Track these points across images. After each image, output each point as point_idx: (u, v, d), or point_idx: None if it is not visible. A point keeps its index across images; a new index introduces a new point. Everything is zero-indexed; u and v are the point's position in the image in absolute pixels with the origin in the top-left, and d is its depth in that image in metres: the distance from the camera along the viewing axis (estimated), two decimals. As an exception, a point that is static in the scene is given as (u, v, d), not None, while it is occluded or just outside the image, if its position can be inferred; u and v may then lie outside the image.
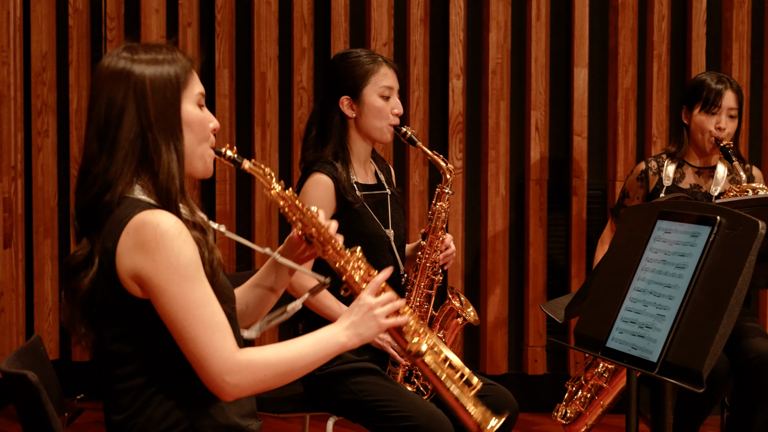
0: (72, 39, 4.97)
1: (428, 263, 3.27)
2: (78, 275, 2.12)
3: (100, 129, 2.13)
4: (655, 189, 3.91)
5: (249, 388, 2.13)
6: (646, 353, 2.34)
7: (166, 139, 2.15)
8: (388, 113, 3.27)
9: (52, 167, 5.00)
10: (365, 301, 2.25)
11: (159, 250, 2.06)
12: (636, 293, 2.45)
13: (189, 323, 2.08)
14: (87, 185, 2.13)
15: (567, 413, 3.85)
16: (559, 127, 4.99)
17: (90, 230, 2.13)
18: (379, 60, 3.30)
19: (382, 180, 3.40)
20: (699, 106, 3.85)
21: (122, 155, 2.12)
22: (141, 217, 2.09)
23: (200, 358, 2.08)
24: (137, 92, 2.13)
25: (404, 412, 3.02)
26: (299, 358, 2.18)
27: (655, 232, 2.48)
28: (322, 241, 2.34)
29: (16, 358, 2.19)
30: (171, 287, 2.07)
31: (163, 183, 2.14)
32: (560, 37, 4.97)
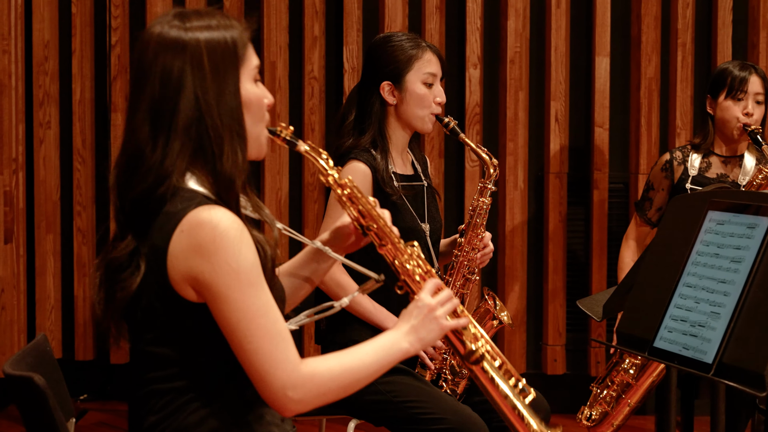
0: (75, 27, 4.85)
1: (465, 261, 3.12)
2: (120, 276, 1.94)
3: (154, 110, 1.93)
4: (680, 179, 3.79)
5: (312, 402, 1.96)
6: (699, 354, 2.18)
7: (228, 123, 1.96)
8: (431, 101, 3.13)
9: (55, 160, 4.87)
10: (424, 302, 2.07)
11: (218, 253, 1.88)
12: (686, 289, 2.28)
13: (251, 333, 1.90)
14: (139, 175, 1.92)
15: (592, 415, 3.71)
16: (579, 118, 4.86)
17: (135, 225, 1.95)
18: (424, 45, 3.15)
19: (418, 171, 3.26)
20: (724, 94, 3.76)
21: (180, 141, 1.93)
22: (197, 214, 1.90)
23: (262, 371, 1.91)
24: (194, 66, 1.94)
25: (437, 414, 2.86)
26: (363, 368, 2.01)
27: (705, 223, 2.32)
28: (381, 235, 2.17)
29: (20, 359, 2.03)
30: (232, 293, 1.89)
31: (226, 174, 1.95)
32: (581, 25, 4.84)
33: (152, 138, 1.92)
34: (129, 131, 1.97)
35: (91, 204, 4.92)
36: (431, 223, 3.19)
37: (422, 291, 2.09)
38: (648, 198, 3.89)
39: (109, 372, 4.95)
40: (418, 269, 2.13)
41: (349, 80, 4.78)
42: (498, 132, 4.83)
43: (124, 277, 1.93)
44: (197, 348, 1.96)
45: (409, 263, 2.14)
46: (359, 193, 2.18)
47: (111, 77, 4.86)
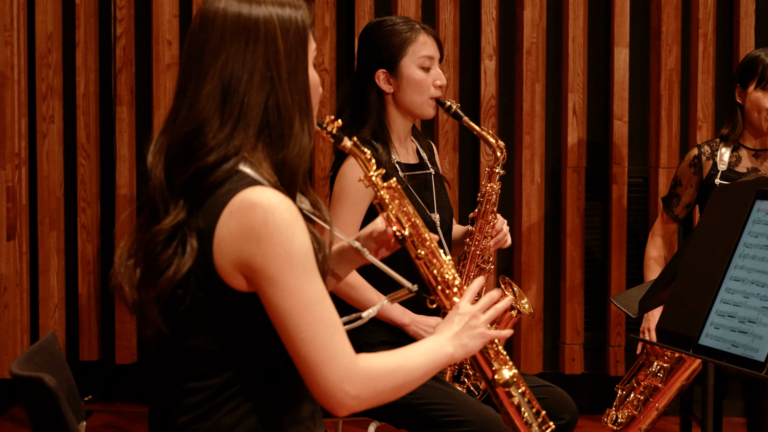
0: (79, 19, 4.74)
1: (478, 250, 3.00)
2: (162, 255, 1.83)
3: (224, 87, 1.84)
4: (709, 175, 3.66)
5: (368, 400, 1.85)
6: (750, 351, 2.06)
7: (299, 107, 1.87)
8: (429, 85, 3.00)
9: (58, 155, 4.76)
10: (465, 309, 2.00)
11: (271, 236, 1.77)
12: (734, 283, 2.16)
13: (306, 321, 1.78)
14: (199, 151, 1.82)
15: (618, 418, 3.59)
16: (597, 111, 4.74)
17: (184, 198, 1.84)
18: (417, 27, 3.02)
19: (424, 158, 3.14)
20: (754, 83, 3.61)
21: (248, 121, 1.85)
22: (248, 195, 1.80)
23: (317, 362, 1.79)
24: (268, 42, 1.86)
25: (460, 416, 2.74)
26: (414, 369, 1.92)
27: (753, 213, 2.19)
28: (417, 243, 2.07)
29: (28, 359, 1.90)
30: (285, 278, 1.78)
31: (292, 160, 1.86)
32: (599, 15, 4.72)
33: (219, 114, 1.84)
34: (191, 105, 1.86)
35: (96, 200, 4.82)
36: (441, 212, 3.07)
37: (462, 299, 2.03)
38: (675, 194, 3.76)
39: (115, 372, 4.85)
40: (454, 281, 2.08)
41: (360, 72, 4.67)
42: (514, 125, 4.72)
43: (168, 255, 1.81)
44: (240, 342, 1.85)
45: (448, 273, 2.08)
46: (403, 197, 2.09)
47: (116, 70, 4.75)
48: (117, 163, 4.77)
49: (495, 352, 2.07)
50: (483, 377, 2.09)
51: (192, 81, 1.88)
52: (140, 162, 4.80)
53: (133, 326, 4.80)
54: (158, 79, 4.71)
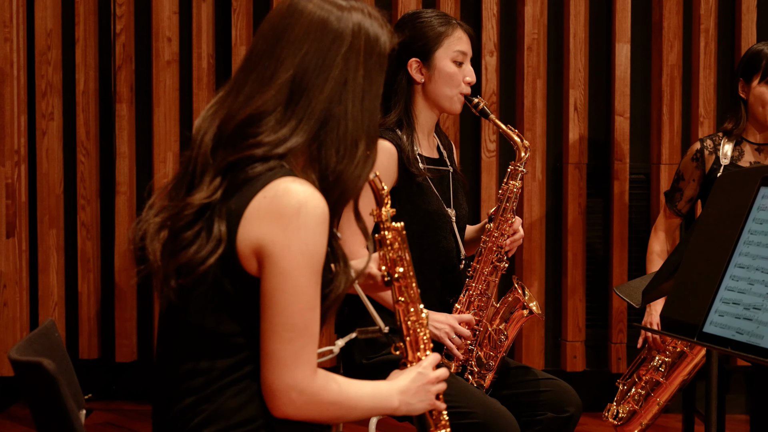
0: (78, 16, 4.73)
1: (494, 248, 2.97)
2: (187, 230, 1.82)
3: (295, 83, 1.83)
4: (711, 169, 3.64)
5: (306, 414, 1.86)
6: (755, 338, 2.04)
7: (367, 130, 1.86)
8: (460, 81, 2.98)
9: (58, 152, 4.76)
10: (426, 372, 2.03)
11: (300, 229, 1.77)
12: (738, 270, 2.15)
13: (294, 322, 1.79)
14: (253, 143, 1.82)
15: (619, 413, 3.58)
16: (599, 107, 4.73)
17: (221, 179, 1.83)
18: (454, 22, 3.02)
19: (444, 156, 3.12)
20: (758, 77, 3.59)
21: (306, 129, 1.83)
22: (286, 182, 1.79)
23: (283, 362, 1.80)
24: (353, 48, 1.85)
25: (465, 408, 2.73)
26: (357, 408, 1.93)
27: (758, 200, 2.18)
28: (404, 291, 2.07)
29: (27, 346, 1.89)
30: (297, 274, 1.78)
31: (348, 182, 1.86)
32: (601, 11, 4.71)
33: (282, 110, 1.83)
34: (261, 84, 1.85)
35: (96, 198, 4.81)
36: (457, 209, 3.05)
37: (427, 360, 2.05)
38: (678, 189, 3.75)
39: (115, 371, 4.84)
40: (424, 338, 2.07)
41: (361, 68, 4.66)
42: (515, 121, 4.70)
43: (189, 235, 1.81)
44: (248, 327, 1.84)
45: (420, 329, 2.07)
46: (404, 242, 2.08)
47: (116, 67, 4.74)
48: (117, 161, 4.75)
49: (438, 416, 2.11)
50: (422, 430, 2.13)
51: (264, 62, 1.86)
52: (140, 159, 4.78)
53: (133, 324, 4.79)
54: (158, 76, 4.70)
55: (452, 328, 2.87)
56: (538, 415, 2.90)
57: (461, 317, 2.90)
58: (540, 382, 2.98)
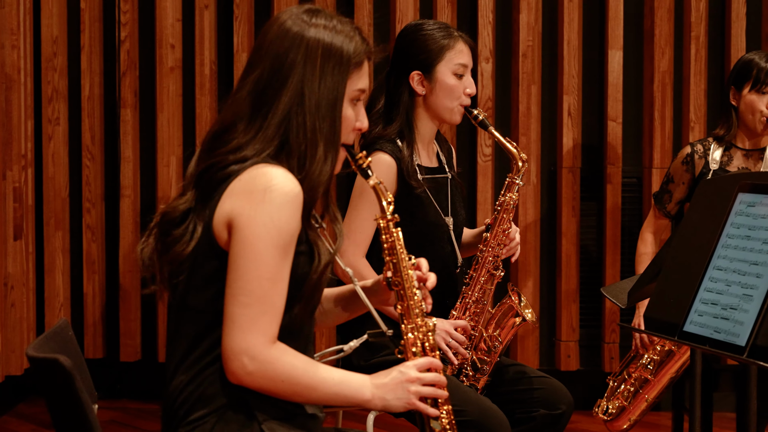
0: (84, 23, 4.82)
1: (490, 257, 3.06)
2: (174, 231, 1.97)
3: (258, 94, 1.97)
4: (701, 173, 3.74)
5: (259, 382, 1.95)
6: (732, 337, 2.15)
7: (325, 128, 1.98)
8: (461, 92, 3.06)
9: (63, 156, 4.85)
10: (407, 372, 2.07)
11: (265, 203, 1.90)
12: (717, 272, 2.25)
13: (251, 288, 1.91)
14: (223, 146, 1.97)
15: (608, 408, 3.68)
16: (592, 113, 4.82)
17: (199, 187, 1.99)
18: (456, 35, 3.09)
19: (443, 162, 3.21)
20: (749, 86, 3.68)
21: (274, 129, 1.97)
22: (261, 166, 1.94)
23: (237, 325, 1.92)
24: (308, 62, 1.98)
25: (457, 406, 2.81)
26: (320, 386, 1.99)
27: (736, 206, 2.29)
28: (403, 295, 2.15)
29: (43, 343, 2.00)
30: (258, 244, 1.90)
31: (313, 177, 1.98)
32: (594, 19, 4.80)
33: (248, 119, 1.97)
34: (231, 103, 2.00)
35: (101, 201, 4.90)
36: (454, 216, 3.14)
37: (411, 361, 2.09)
38: (667, 191, 3.84)
39: (119, 370, 4.93)
40: (417, 341, 2.13)
41: (360, 75, 4.74)
42: (510, 126, 4.80)
43: (179, 232, 1.96)
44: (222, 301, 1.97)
45: (413, 333, 2.13)
46: (402, 248, 2.16)
47: (120, 73, 4.84)
48: (121, 165, 4.84)
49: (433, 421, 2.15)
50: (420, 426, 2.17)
51: (240, 79, 2.02)
52: (144, 163, 4.88)
53: (137, 325, 4.87)
54: (162, 82, 4.79)
55: (448, 333, 2.97)
56: (531, 412, 3.00)
57: (456, 323, 2.99)
58: (533, 380, 3.07)
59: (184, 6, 4.81)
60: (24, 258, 4.71)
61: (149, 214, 4.78)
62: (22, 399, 4.93)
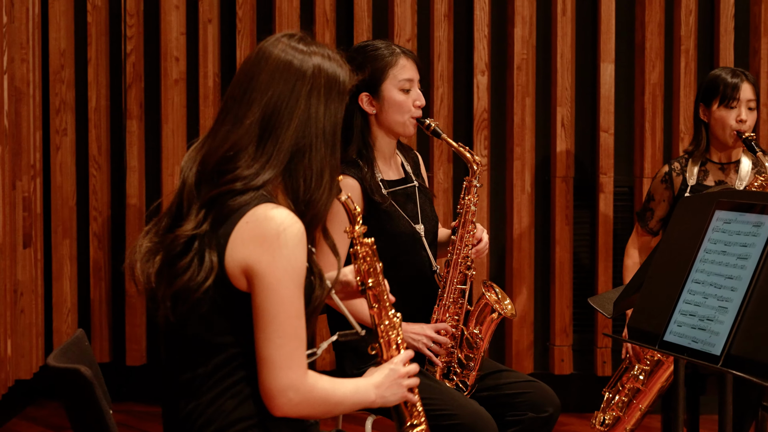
0: (91, 36, 4.93)
1: (460, 259, 3.18)
2: (179, 262, 2.06)
3: (265, 121, 2.06)
4: (680, 190, 3.85)
5: (300, 412, 2.10)
6: (708, 346, 2.28)
7: (330, 162, 2.10)
8: (410, 106, 3.16)
9: (71, 166, 4.95)
10: (396, 367, 2.27)
11: (281, 248, 2.01)
12: (695, 285, 2.39)
13: (284, 329, 2.03)
14: (231, 178, 2.05)
15: (605, 420, 3.80)
16: (585, 124, 4.94)
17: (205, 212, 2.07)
18: (397, 51, 3.16)
19: (408, 171, 3.31)
20: (717, 102, 3.78)
21: (279, 159, 2.06)
22: (265, 209, 2.03)
23: (278, 365, 2.04)
24: (313, 88, 2.07)
25: (447, 410, 2.95)
26: (344, 400, 2.17)
27: (713, 222, 2.42)
28: (377, 298, 2.31)
29: (62, 354, 2.13)
30: (282, 288, 2.02)
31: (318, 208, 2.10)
32: (586, 32, 4.92)
33: (255, 147, 2.05)
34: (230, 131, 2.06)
35: (107, 209, 5.00)
36: (425, 222, 3.23)
37: (398, 357, 2.28)
38: (649, 209, 3.94)
39: (125, 374, 5.02)
40: (398, 338, 2.30)
41: (359, 87, 4.86)
42: (505, 137, 4.91)
43: (185, 263, 2.04)
44: (242, 336, 2.08)
45: (392, 331, 2.30)
46: (374, 255, 2.30)
47: (126, 85, 4.93)
48: (127, 174, 4.94)
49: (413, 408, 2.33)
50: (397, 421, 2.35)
51: (236, 106, 2.09)
52: (149, 173, 4.98)
53: (143, 330, 4.97)
54: (166, 94, 4.90)
55: (429, 338, 3.10)
56: (519, 415, 3.11)
57: (437, 326, 3.13)
58: (521, 384, 3.19)
59: (188, 20, 4.92)
60: (33, 265, 4.79)
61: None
62: (31, 402, 5.03)
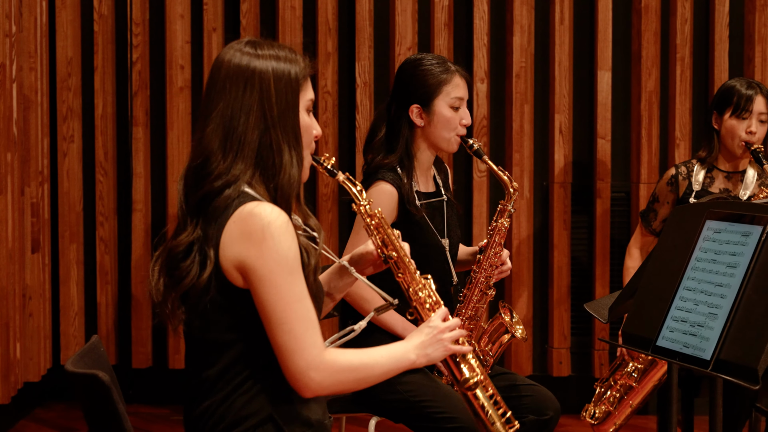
0: (97, 44, 5.00)
1: (482, 278, 3.26)
2: (182, 264, 2.16)
3: (225, 126, 2.17)
4: (685, 194, 3.93)
5: (330, 387, 2.18)
6: (698, 351, 2.37)
7: (288, 142, 2.19)
8: (457, 124, 3.25)
9: (78, 172, 5.02)
10: (435, 324, 2.33)
11: (266, 241, 2.10)
12: (686, 293, 2.47)
13: (287, 315, 2.12)
14: (207, 179, 2.16)
15: (595, 413, 3.88)
16: (582, 130, 5.02)
17: (197, 220, 2.18)
18: (452, 69, 3.27)
19: (440, 185, 3.40)
20: (729, 111, 3.86)
21: (247, 152, 2.16)
22: (248, 207, 2.13)
23: (291, 350, 2.12)
24: (263, 89, 2.18)
25: (450, 413, 3.03)
26: (376, 367, 2.24)
27: (704, 232, 2.51)
28: (400, 265, 2.41)
29: (79, 359, 2.22)
30: (274, 278, 2.11)
31: (283, 187, 2.18)
32: (584, 41, 5.00)
33: (222, 148, 2.17)
34: (199, 141, 2.20)
35: (113, 214, 5.08)
36: (450, 238, 3.32)
37: (435, 315, 2.35)
38: (653, 210, 4.03)
39: (131, 376, 5.10)
40: (429, 299, 2.39)
41: (361, 95, 4.94)
42: (504, 144, 4.99)
43: (187, 265, 2.15)
44: (250, 333, 2.17)
45: (422, 292, 2.39)
46: (385, 224, 2.42)
47: (132, 92, 5.01)
48: (133, 180, 5.02)
49: (464, 360, 2.39)
50: (453, 380, 2.41)
51: (201, 119, 2.22)
52: (155, 179, 5.06)
53: (149, 333, 5.04)
54: (172, 102, 4.97)
55: None
56: (520, 418, 3.19)
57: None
58: (522, 388, 3.27)
59: (193, 29, 4.99)
60: (41, 270, 4.87)
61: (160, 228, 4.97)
62: (40, 404, 5.10)
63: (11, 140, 4.53)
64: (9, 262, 4.50)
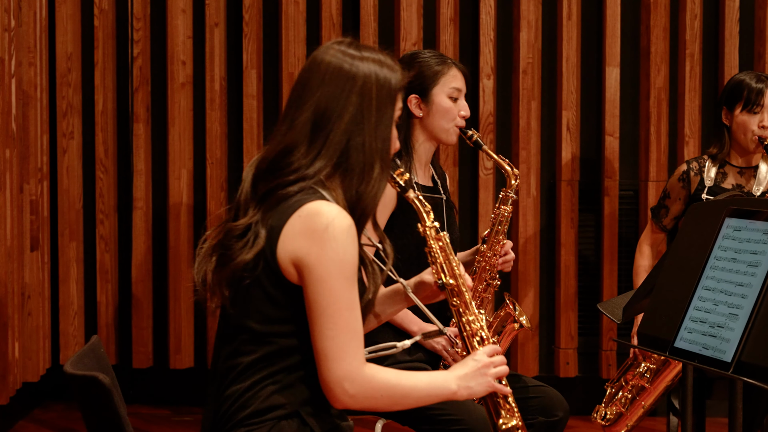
0: (97, 40, 4.95)
1: (486, 267, 3.24)
2: (236, 245, 2.13)
3: (316, 121, 2.14)
4: (697, 190, 3.87)
5: (362, 402, 2.13)
6: (718, 353, 2.30)
7: (380, 154, 2.17)
8: (455, 115, 3.26)
9: (78, 169, 4.97)
10: (481, 358, 2.28)
11: (329, 241, 2.07)
12: (705, 292, 2.40)
13: (335, 321, 2.08)
14: (284, 169, 2.13)
15: (606, 414, 3.82)
16: (590, 127, 4.96)
17: (261, 205, 2.14)
18: (449, 62, 3.30)
19: (438, 185, 3.38)
20: (740, 106, 3.80)
21: (330, 152, 2.13)
22: (317, 204, 2.10)
23: (331, 357, 2.09)
24: (364, 93, 2.15)
25: (455, 415, 2.98)
26: (413, 392, 2.19)
27: (723, 230, 2.44)
28: (457, 293, 2.35)
29: (78, 360, 2.15)
30: (331, 280, 2.07)
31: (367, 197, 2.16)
32: (591, 36, 4.95)
33: (308, 142, 2.14)
34: (287, 131, 2.16)
35: (114, 212, 5.02)
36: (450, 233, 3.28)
37: (483, 348, 2.29)
38: (664, 206, 3.97)
39: (131, 376, 5.05)
40: (481, 331, 2.34)
41: (365, 91, 4.87)
42: (511, 141, 4.94)
43: (239, 246, 2.11)
44: (291, 327, 2.13)
45: (474, 324, 2.34)
46: (449, 250, 2.36)
47: (133, 88, 4.96)
48: (134, 177, 4.97)
49: (504, 402, 2.32)
50: (490, 420, 2.34)
51: (291, 110, 2.18)
52: (156, 176, 5.01)
53: (149, 332, 4.99)
54: (173, 98, 4.92)
55: (448, 341, 3.13)
56: (529, 419, 3.15)
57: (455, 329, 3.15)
58: (531, 389, 3.22)
59: (194, 24, 4.94)
60: (40, 268, 4.82)
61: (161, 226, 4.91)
62: (38, 405, 5.06)
63: (10, 136, 4.47)
64: (8, 261, 4.45)
